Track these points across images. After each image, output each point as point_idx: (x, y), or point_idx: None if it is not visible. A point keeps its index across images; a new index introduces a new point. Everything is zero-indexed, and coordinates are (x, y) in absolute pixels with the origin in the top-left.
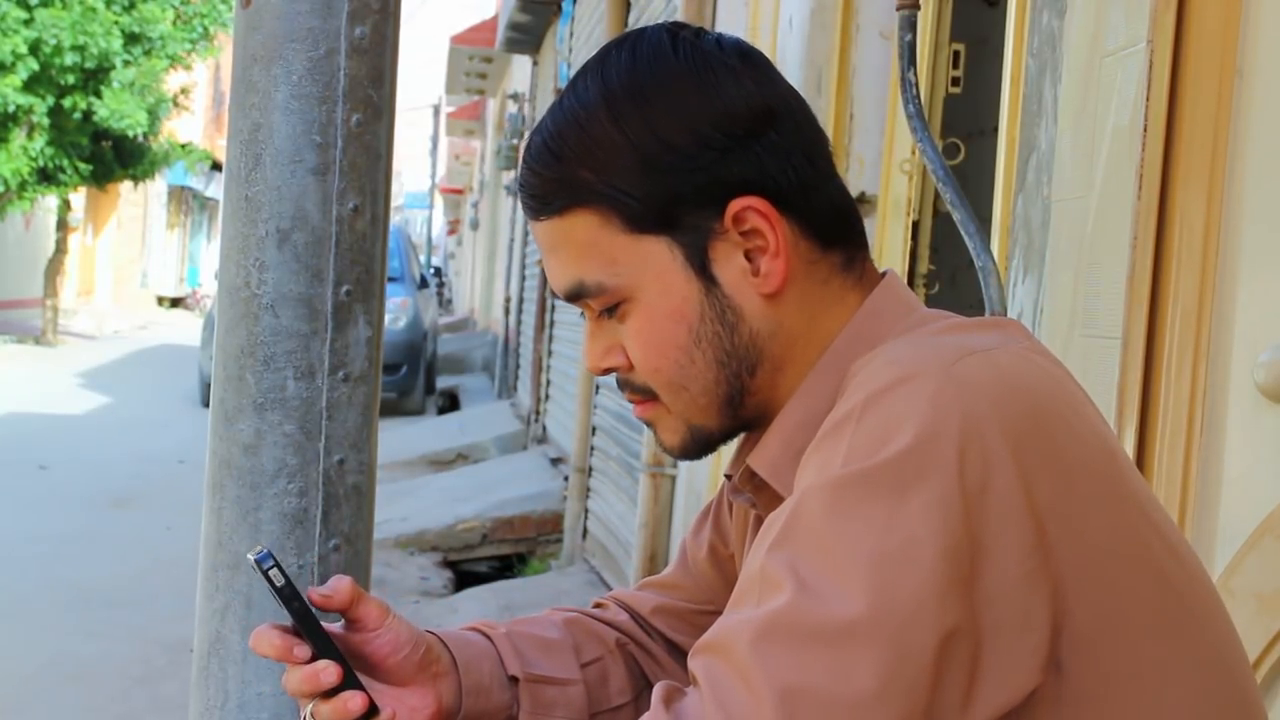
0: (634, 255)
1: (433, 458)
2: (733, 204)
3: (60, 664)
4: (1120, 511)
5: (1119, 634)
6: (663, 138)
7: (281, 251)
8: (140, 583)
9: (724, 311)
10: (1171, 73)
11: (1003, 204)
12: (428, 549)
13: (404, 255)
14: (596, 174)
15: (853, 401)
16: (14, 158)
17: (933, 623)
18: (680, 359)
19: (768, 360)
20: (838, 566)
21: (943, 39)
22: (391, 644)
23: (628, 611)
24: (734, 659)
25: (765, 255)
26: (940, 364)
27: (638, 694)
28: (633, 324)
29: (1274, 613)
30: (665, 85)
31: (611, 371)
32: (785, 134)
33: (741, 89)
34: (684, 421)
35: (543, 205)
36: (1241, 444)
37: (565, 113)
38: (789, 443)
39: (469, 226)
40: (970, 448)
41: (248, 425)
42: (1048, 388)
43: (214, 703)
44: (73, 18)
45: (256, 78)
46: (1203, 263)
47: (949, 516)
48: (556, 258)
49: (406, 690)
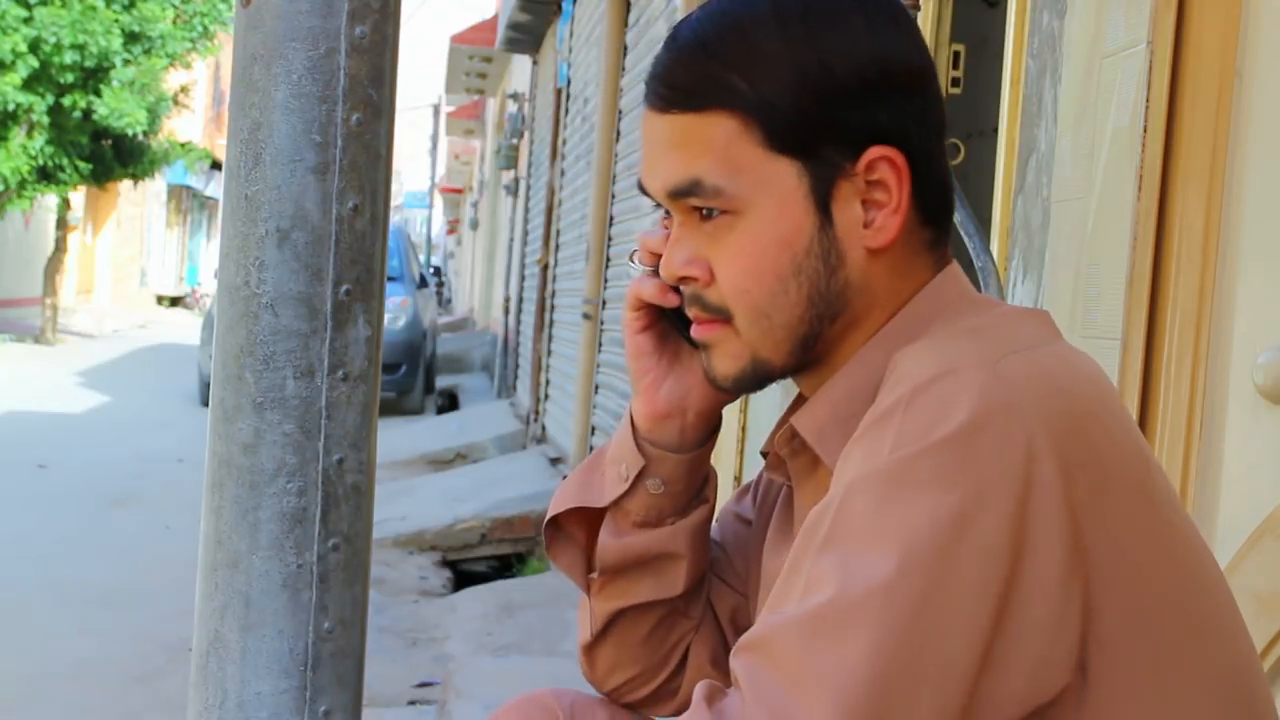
0: (762, 171)
1: (432, 457)
2: (871, 150)
3: (59, 663)
4: (1151, 515)
5: (1144, 638)
6: (827, 65)
7: (281, 251)
8: (139, 582)
9: (829, 252)
10: (1171, 73)
11: (1002, 205)
12: (427, 548)
13: (403, 255)
14: (751, 82)
15: (899, 392)
16: (13, 156)
17: (971, 613)
18: (775, 286)
19: (849, 313)
20: (880, 553)
21: (943, 39)
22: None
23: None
24: (779, 659)
25: (884, 210)
26: (985, 359)
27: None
28: (735, 240)
29: (1274, 613)
30: (839, 16)
31: (687, 282)
32: (930, 102)
33: (904, 44)
34: (750, 350)
35: (682, 99)
36: (1241, 445)
37: (727, 15)
38: (837, 409)
39: (468, 226)
40: (1015, 442)
41: (247, 424)
42: (1087, 389)
43: (213, 702)
44: (72, 16)
45: (256, 77)
46: (1202, 263)
47: (995, 510)
48: (676, 153)
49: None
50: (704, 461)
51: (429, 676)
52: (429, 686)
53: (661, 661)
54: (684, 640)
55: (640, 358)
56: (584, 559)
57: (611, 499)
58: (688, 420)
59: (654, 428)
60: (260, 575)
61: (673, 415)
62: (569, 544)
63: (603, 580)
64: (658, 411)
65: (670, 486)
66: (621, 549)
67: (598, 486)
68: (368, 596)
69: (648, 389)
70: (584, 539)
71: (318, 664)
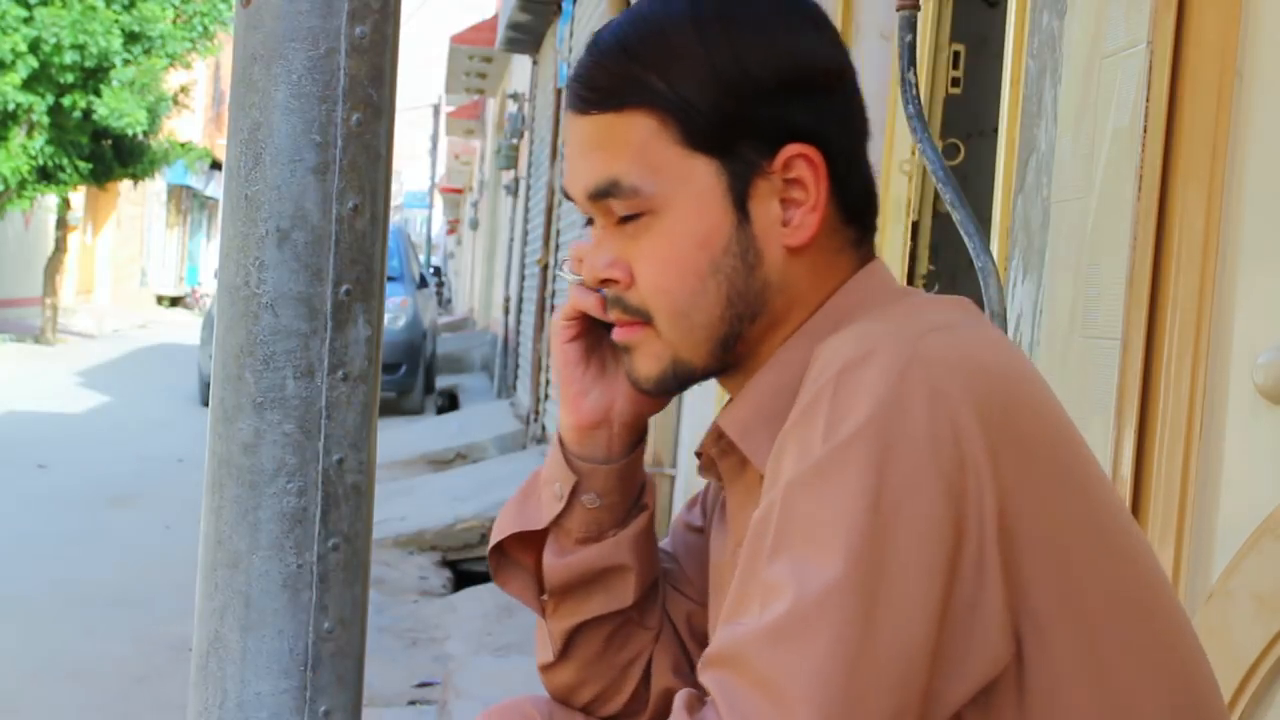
0: (679, 169)
1: (432, 457)
2: (788, 147)
3: (59, 663)
4: (1077, 492)
5: (1074, 614)
6: (743, 64)
7: (281, 251)
8: (139, 582)
9: (747, 250)
10: (1171, 73)
11: (1002, 205)
12: (426, 548)
13: (403, 255)
14: (668, 81)
15: (822, 380)
16: (13, 156)
17: (921, 593)
18: (694, 285)
19: (768, 313)
20: (828, 551)
21: (943, 39)
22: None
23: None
24: (750, 671)
25: (802, 208)
26: (906, 339)
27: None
28: (651, 240)
29: (1273, 613)
30: (756, 17)
31: (609, 285)
32: (849, 103)
33: (823, 44)
34: (671, 351)
35: (600, 98)
36: (1241, 445)
37: (645, 17)
38: (760, 407)
39: (468, 226)
40: (941, 421)
41: (247, 424)
42: (1011, 368)
43: (213, 702)
44: (72, 16)
45: (256, 77)
46: (1202, 263)
47: (928, 488)
48: (595, 155)
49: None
50: (636, 469)
51: (429, 676)
52: (429, 686)
53: (623, 675)
54: (644, 652)
55: (567, 367)
56: (534, 582)
57: (550, 519)
58: (614, 430)
59: (581, 439)
60: (260, 575)
61: (599, 426)
62: (516, 570)
63: (554, 601)
64: (583, 422)
65: (606, 499)
66: (566, 568)
67: (535, 508)
68: (368, 596)
69: (574, 399)
70: (531, 562)
71: (318, 664)
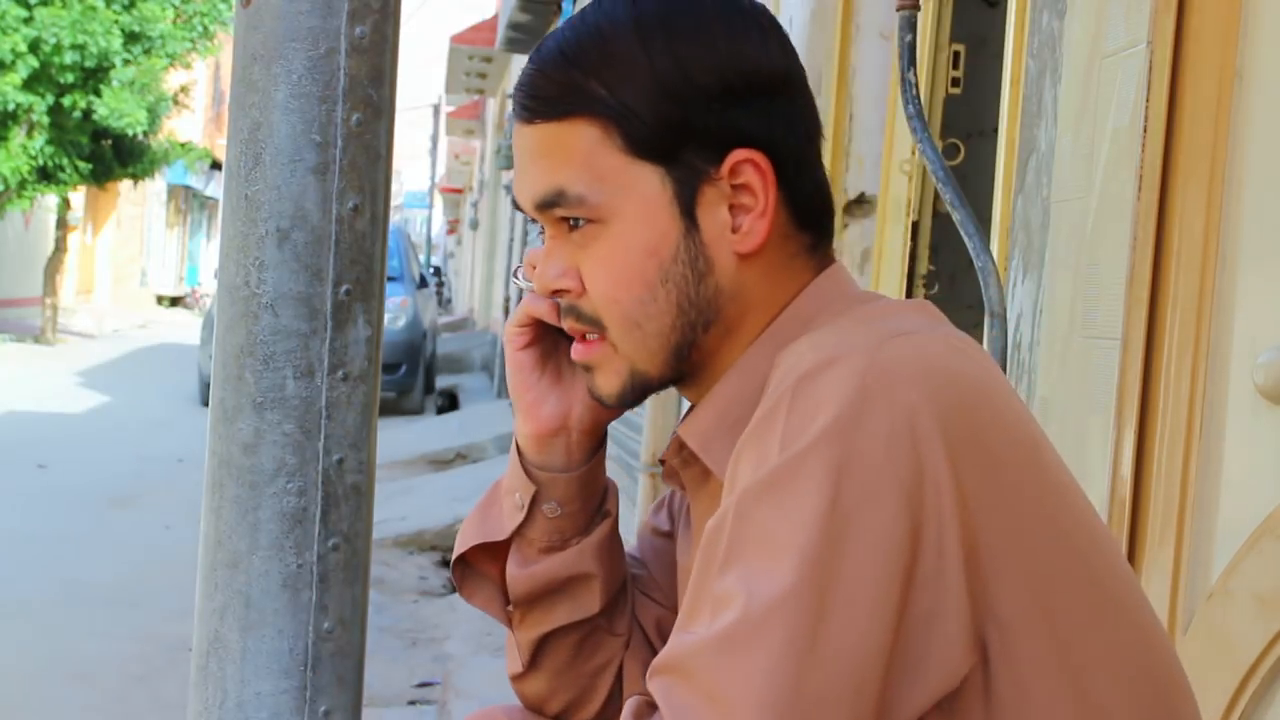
0: (624, 177)
1: (432, 457)
2: (735, 153)
3: (59, 663)
4: (1042, 500)
5: (1042, 622)
6: (686, 70)
7: (281, 251)
8: (139, 582)
9: (697, 258)
10: (1171, 74)
11: (1002, 204)
12: (426, 548)
13: (403, 255)
14: (610, 88)
15: (781, 389)
16: (14, 156)
17: (873, 605)
18: (643, 294)
19: (723, 321)
20: (780, 560)
21: (943, 40)
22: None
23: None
24: (695, 678)
25: (750, 214)
26: (866, 346)
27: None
28: (601, 249)
29: (1273, 613)
30: (698, 21)
31: (560, 295)
32: (796, 105)
33: (768, 49)
34: (628, 364)
35: (543, 107)
36: (1241, 445)
37: (588, 24)
38: (722, 416)
39: (468, 226)
40: (898, 427)
41: (247, 424)
42: (973, 373)
43: (213, 702)
44: (72, 16)
45: (256, 77)
46: (1202, 263)
47: (884, 498)
48: (541, 163)
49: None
50: (597, 476)
51: (429, 676)
52: (429, 686)
53: (593, 682)
54: (614, 659)
55: (521, 373)
56: (500, 594)
57: (511, 529)
58: (573, 438)
59: (539, 448)
60: (260, 575)
61: (557, 434)
62: (482, 581)
63: (519, 612)
64: (541, 430)
65: (567, 507)
66: (530, 578)
67: (496, 519)
68: (368, 596)
69: (530, 407)
70: (495, 573)
71: (318, 664)
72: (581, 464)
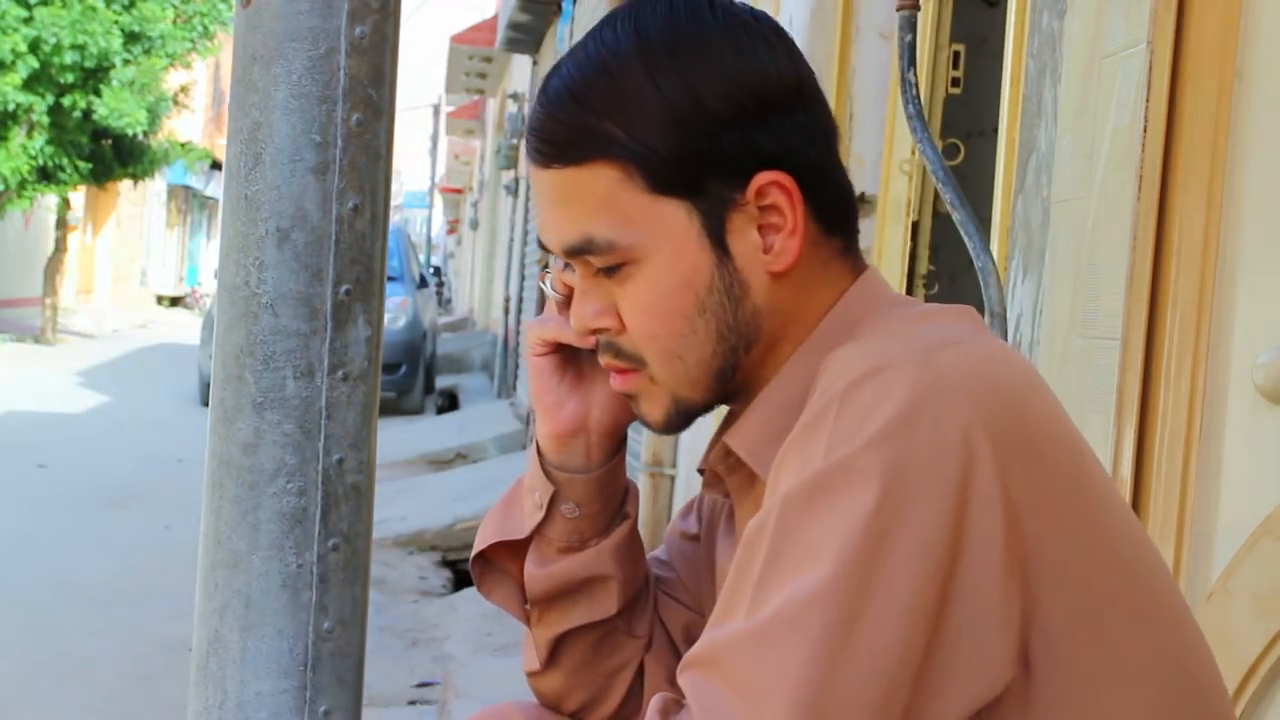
0: (651, 216)
1: (432, 457)
2: (758, 177)
3: (59, 663)
4: (1087, 505)
5: (1087, 630)
6: (698, 98)
7: (281, 251)
8: (139, 582)
9: (732, 285)
10: (1171, 74)
11: (1002, 204)
12: (426, 548)
13: (403, 255)
14: (625, 128)
15: (830, 393)
16: (14, 156)
17: (909, 611)
18: (682, 327)
19: (764, 338)
20: (820, 562)
21: (943, 39)
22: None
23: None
24: (725, 672)
25: (780, 233)
26: (916, 354)
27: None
28: (635, 287)
29: (1273, 613)
30: (704, 44)
31: (600, 334)
32: (811, 114)
33: (776, 61)
34: (670, 394)
35: (558, 153)
36: (1241, 445)
37: (592, 59)
38: (769, 423)
39: (469, 226)
40: (949, 436)
41: (247, 424)
42: (1021, 382)
43: (213, 702)
44: (72, 16)
45: (256, 77)
46: (1202, 263)
47: (929, 506)
48: (564, 210)
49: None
50: (617, 477)
51: (429, 676)
52: (429, 686)
53: (610, 682)
54: (632, 660)
55: (541, 377)
56: (518, 591)
57: (531, 528)
58: (592, 440)
59: (559, 448)
60: (260, 575)
61: (576, 434)
62: (502, 578)
63: (537, 610)
64: (560, 431)
65: (585, 508)
66: (549, 578)
67: (517, 517)
68: (368, 596)
69: (550, 409)
70: (515, 570)
71: (318, 664)
72: (600, 465)
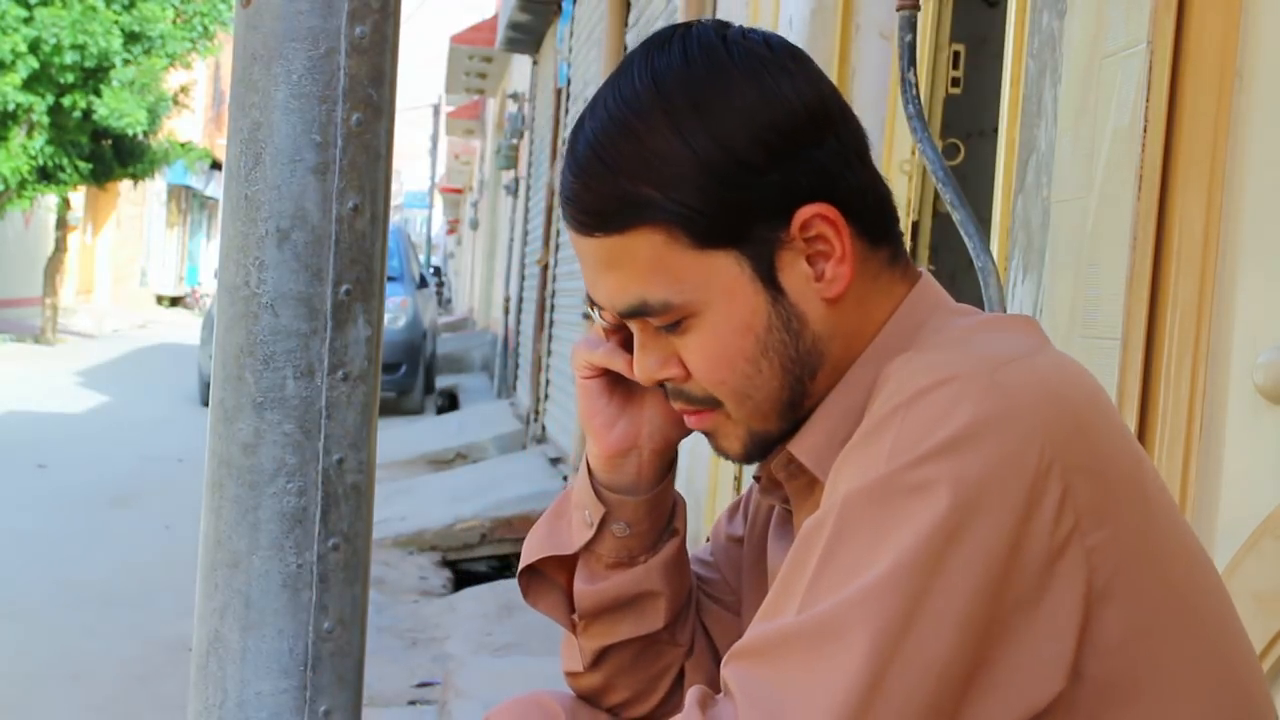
0: (701, 271)
1: (432, 457)
2: (800, 212)
3: (59, 663)
4: (1148, 517)
5: (1141, 642)
6: (728, 147)
7: (281, 251)
8: (139, 581)
9: (790, 320)
10: (1171, 74)
11: (1002, 204)
12: (426, 548)
13: (403, 255)
14: (661, 190)
15: (894, 401)
16: (14, 156)
17: (963, 620)
18: (747, 369)
19: (828, 361)
20: (877, 564)
21: (943, 39)
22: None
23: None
24: (773, 665)
25: (830, 260)
26: (983, 368)
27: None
28: (696, 338)
29: (1273, 613)
30: (725, 89)
31: (667, 382)
32: (841, 136)
33: (798, 91)
34: (745, 428)
35: (599, 223)
36: (1241, 445)
37: (614, 118)
38: (833, 431)
39: (469, 226)
40: (1016, 450)
41: (247, 424)
42: (1082, 395)
43: (213, 701)
44: (72, 16)
45: (256, 77)
46: (1202, 263)
47: (991, 518)
48: (613, 275)
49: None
50: (666, 495)
51: (429, 676)
52: (429, 686)
53: (652, 684)
54: (674, 665)
55: (589, 399)
56: (566, 600)
57: (580, 545)
58: (643, 458)
59: (610, 468)
60: (260, 575)
61: (628, 453)
62: (550, 588)
63: (584, 623)
64: (612, 451)
65: (635, 527)
66: (597, 594)
67: (565, 531)
68: (368, 596)
69: (600, 430)
70: (564, 581)
71: (318, 664)
72: (651, 487)
